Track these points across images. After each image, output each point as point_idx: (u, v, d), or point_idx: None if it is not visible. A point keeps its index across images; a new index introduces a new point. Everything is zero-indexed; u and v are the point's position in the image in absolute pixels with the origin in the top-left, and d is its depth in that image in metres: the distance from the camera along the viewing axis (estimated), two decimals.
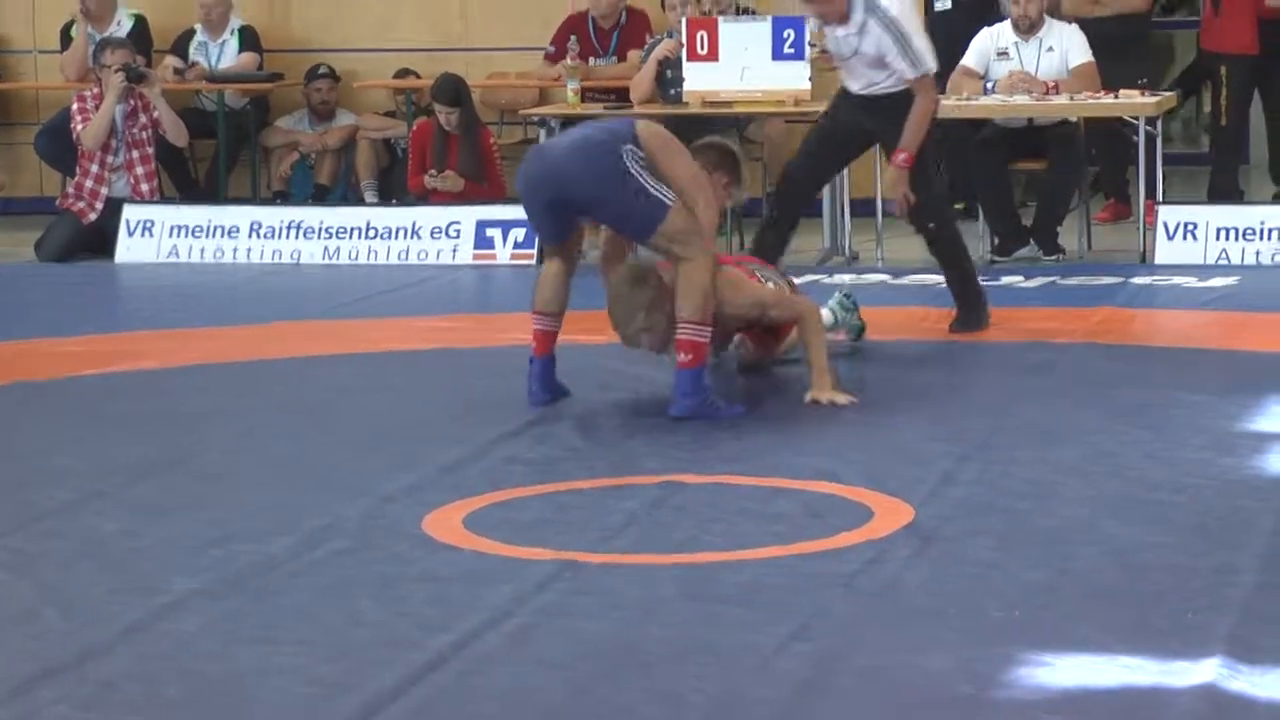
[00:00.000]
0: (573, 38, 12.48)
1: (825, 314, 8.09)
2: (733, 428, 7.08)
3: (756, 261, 8.17)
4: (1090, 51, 11.09)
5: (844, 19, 8.49)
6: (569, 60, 12.21)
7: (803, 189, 9.13)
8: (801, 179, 9.08)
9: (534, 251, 11.22)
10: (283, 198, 12.88)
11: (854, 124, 8.85)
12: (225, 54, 13.19)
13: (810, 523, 5.90)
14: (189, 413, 7.65)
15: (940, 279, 9.13)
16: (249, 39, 13.24)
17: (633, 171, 7.23)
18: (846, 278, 10.18)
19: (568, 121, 11.75)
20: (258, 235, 11.59)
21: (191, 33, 13.27)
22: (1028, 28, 11.07)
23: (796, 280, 8.49)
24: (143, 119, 11.99)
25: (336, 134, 13.09)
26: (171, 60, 13.09)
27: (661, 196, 7.24)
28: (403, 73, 13.05)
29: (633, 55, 12.46)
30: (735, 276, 7.61)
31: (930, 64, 8.55)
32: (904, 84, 8.52)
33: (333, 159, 13.10)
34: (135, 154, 11.98)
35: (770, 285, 7.82)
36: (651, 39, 12.15)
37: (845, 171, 10.93)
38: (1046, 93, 10.84)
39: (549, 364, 7.58)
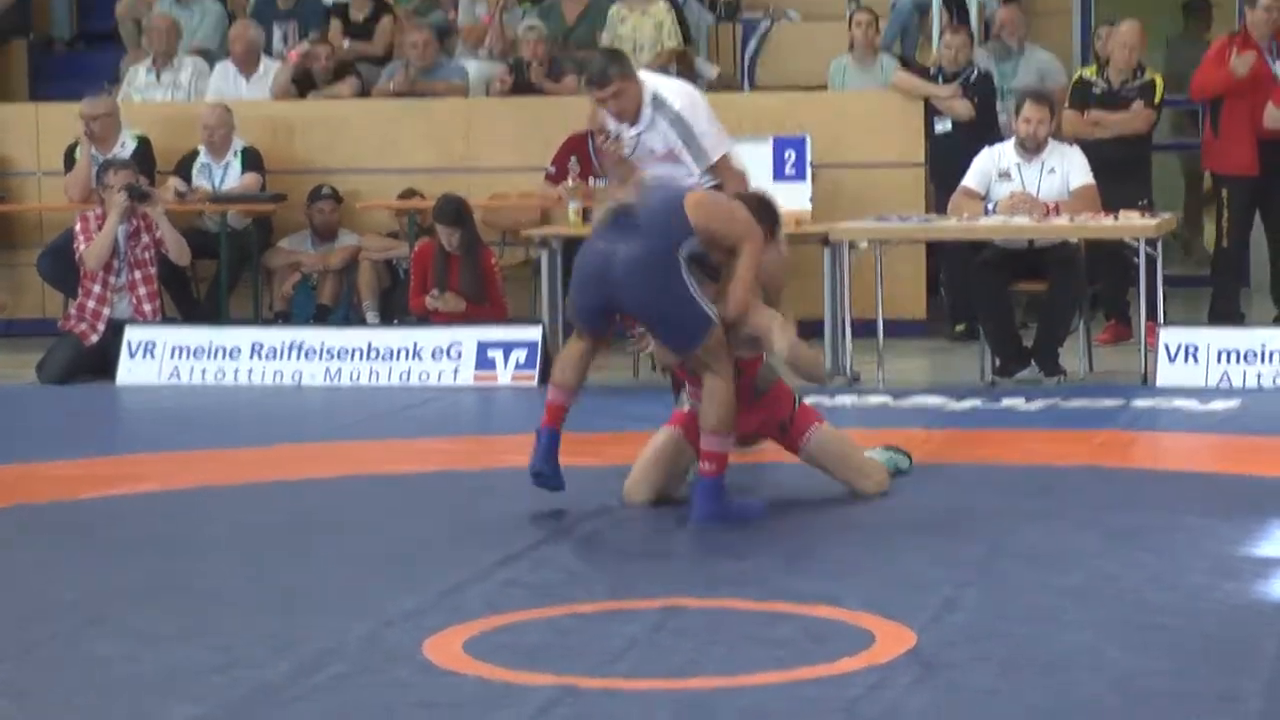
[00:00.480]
0: (573, 158, 12.61)
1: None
2: (733, 549, 7.09)
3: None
4: (1091, 173, 11.19)
5: (637, 118, 8.58)
6: (570, 181, 12.33)
7: None
8: None
9: (534, 373, 11.30)
10: (284, 318, 12.95)
11: None
12: (229, 175, 13.30)
13: (812, 647, 5.89)
14: (190, 536, 7.66)
15: (942, 400, 9.17)
16: (252, 160, 13.35)
17: (687, 282, 7.37)
18: (848, 399, 10.22)
19: (569, 242, 11.86)
20: (259, 356, 11.64)
21: (195, 154, 13.39)
22: (1034, 148, 11.16)
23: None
24: (145, 239, 12.07)
25: (339, 254, 13.17)
26: (174, 182, 13.20)
27: (707, 310, 7.38)
28: (408, 193, 13.14)
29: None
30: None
31: (722, 147, 8.60)
32: (705, 175, 8.55)
33: (334, 279, 13.18)
34: (138, 274, 12.05)
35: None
36: None
37: (848, 292, 11.02)
38: (1047, 214, 10.92)
39: (555, 438, 7.71)
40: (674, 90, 8.70)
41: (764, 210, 7.87)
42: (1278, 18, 12.32)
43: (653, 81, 8.64)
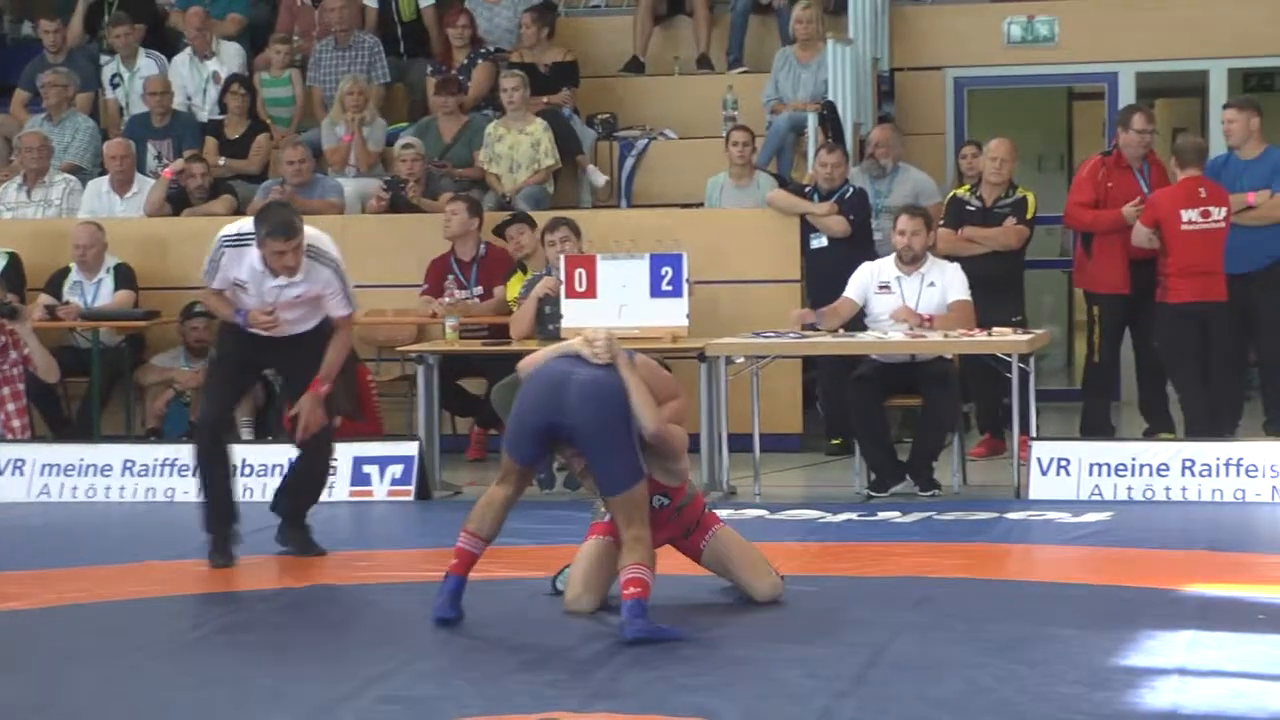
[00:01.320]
0: (451, 277, 12.67)
1: None
2: (609, 663, 7.08)
3: None
4: (968, 289, 11.35)
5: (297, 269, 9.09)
6: (447, 297, 12.37)
7: (226, 426, 9.66)
8: (222, 418, 9.56)
9: (410, 488, 11.27)
10: (157, 435, 12.86)
11: (256, 362, 9.56)
12: (101, 292, 13.24)
13: None
14: (54, 655, 7.56)
15: (818, 514, 9.23)
16: (124, 277, 13.30)
17: (632, 430, 7.61)
18: (724, 513, 10.24)
19: (446, 358, 11.88)
20: (131, 473, 11.55)
21: (66, 271, 13.32)
22: (910, 260, 11.32)
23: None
24: (13, 355, 11.98)
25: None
26: (44, 298, 13.12)
27: (642, 464, 7.62)
28: None
29: (499, 291, 12.64)
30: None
31: (356, 304, 9.36)
32: (333, 320, 9.28)
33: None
34: (5, 390, 11.96)
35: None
36: (529, 276, 12.31)
37: (724, 407, 11.09)
38: (923, 324, 11.07)
39: (462, 583, 7.79)
40: (325, 240, 9.27)
41: None
42: (1150, 140, 12.57)
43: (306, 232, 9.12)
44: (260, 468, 11.50)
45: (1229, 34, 14.96)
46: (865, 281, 11.48)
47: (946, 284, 11.35)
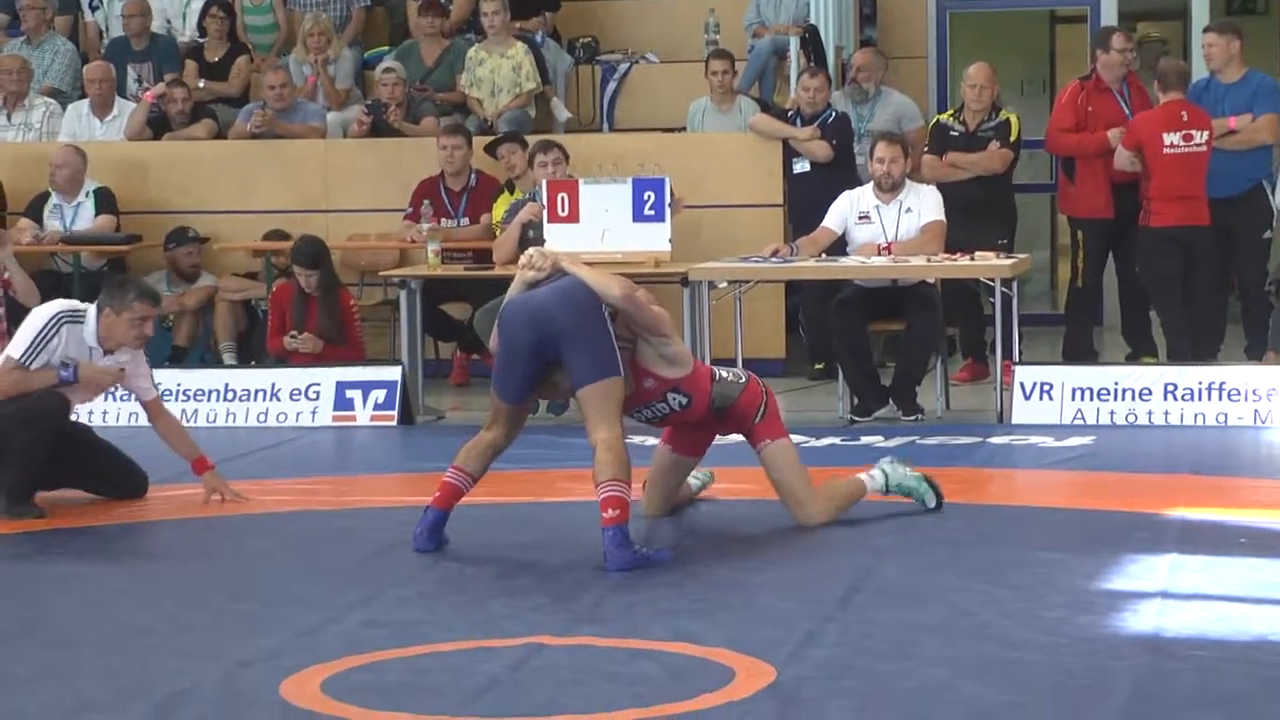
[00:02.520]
0: (426, 202, 12.61)
1: (875, 478, 8.35)
2: (593, 588, 7.08)
3: None
4: (942, 211, 11.31)
5: None
6: (424, 223, 12.31)
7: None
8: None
9: (394, 413, 11.25)
10: None
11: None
12: (81, 216, 13.16)
13: (671, 684, 5.89)
14: (38, 579, 7.55)
15: (801, 438, 9.19)
16: (105, 201, 13.22)
17: (608, 324, 7.62)
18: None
19: (429, 283, 11.84)
20: (113, 398, 11.43)
21: (46, 195, 13.24)
22: (890, 187, 11.27)
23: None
24: None
25: (195, 295, 13.07)
26: (27, 223, 13.04)
27: (620, 362, 7.59)
28: (274, 234, 13.02)
29: (485, 218, 12.59)
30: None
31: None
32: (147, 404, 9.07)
33: (190, 320, 13.07)
34: None
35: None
36: (511, 202, 12.26)
37: (707, 332, 11.06)
38: (879, 253, 11.06)
39: (443, 517, 7.81)
40: None
41: None
42: (1131, 59, 12.51)
43: None
44: (243, 393, 11.46)
45: None
46: (844, 210, 11.44)
47: (922, 207, 11.32)
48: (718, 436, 8.30)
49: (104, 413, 11.05)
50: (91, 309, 8.83)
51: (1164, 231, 11.80)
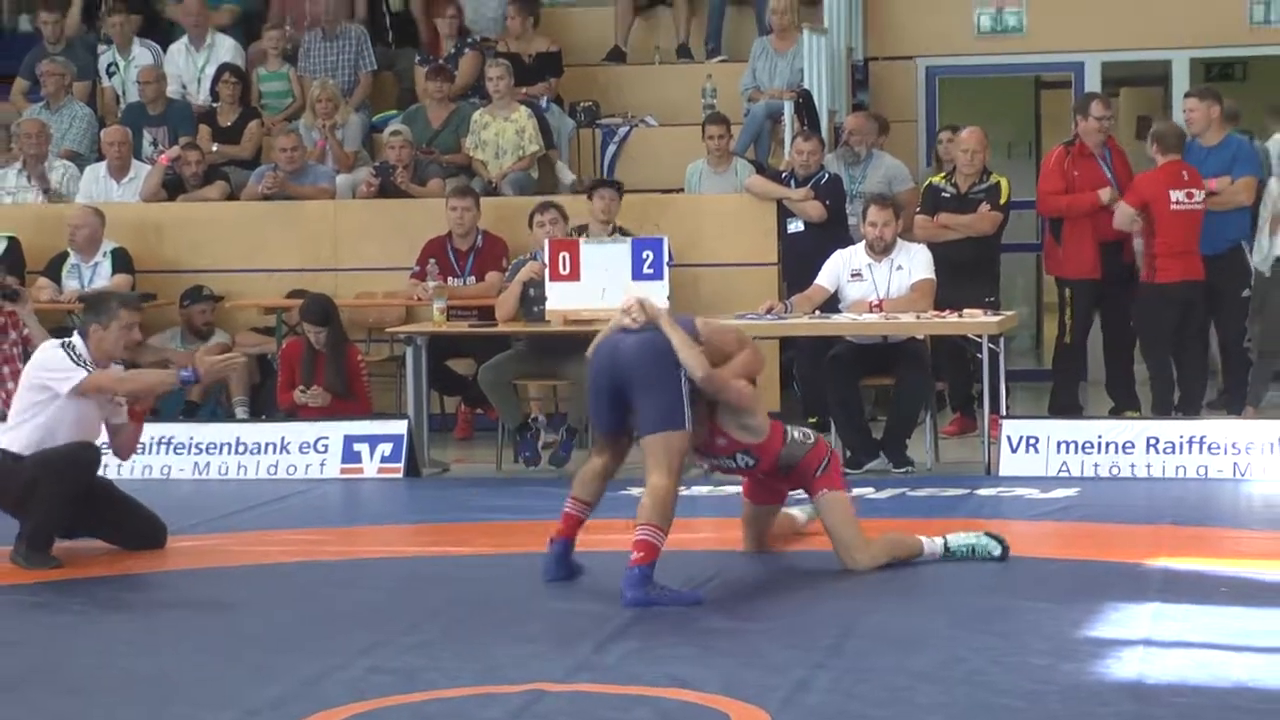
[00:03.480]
0: (432, 260, 12.63)
1: (938, 543, 8.43)
2: (593, 636, 7.05)
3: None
4: (933, 270, 11.34)
5: None
6: (430, 281, 12.32)
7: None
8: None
9: (400, 465, 11.23)
10: (154, 414, 12.77)
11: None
12: (98, 275, 13.17)
13: None
14: (53, 626, 7.53)
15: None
16: (121, 260, 13.23)
17: (682, 383, 7.79)
18: (703, 489, 10.20)
19: (434, 339, 11.84)
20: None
21: (65, 255, 13.25)
22: (882, 249, 11.31)
23: None
24: (13, 335, 11.90)
25: (213, 349, 13.03)
26: (45, 282, 13.06)
27: (687, 416, 7.76)
28: (296, 294, 12.97)
29: (491, 276, 12.60)
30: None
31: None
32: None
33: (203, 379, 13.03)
34: (5, 369, 11.88)
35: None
36: (514, 260, 12.27)
37: None
38: (871, 310, 11.07)
39: (568, 546, 8.04)
40: None
41: None
42: (1108, 125, 12.55)
43: None
44: (254, 446, 11.46)
45: (1190, 25, 14.94)
46: (837, 269, 11.47)
47: (913, 265, 11.35)
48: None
49: (119, 465, 11.03)
50: (76, 337, 8.83)
51: (1167, 288, 11.86)
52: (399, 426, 11.42)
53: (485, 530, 9.41)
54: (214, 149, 14.49)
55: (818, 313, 11.38)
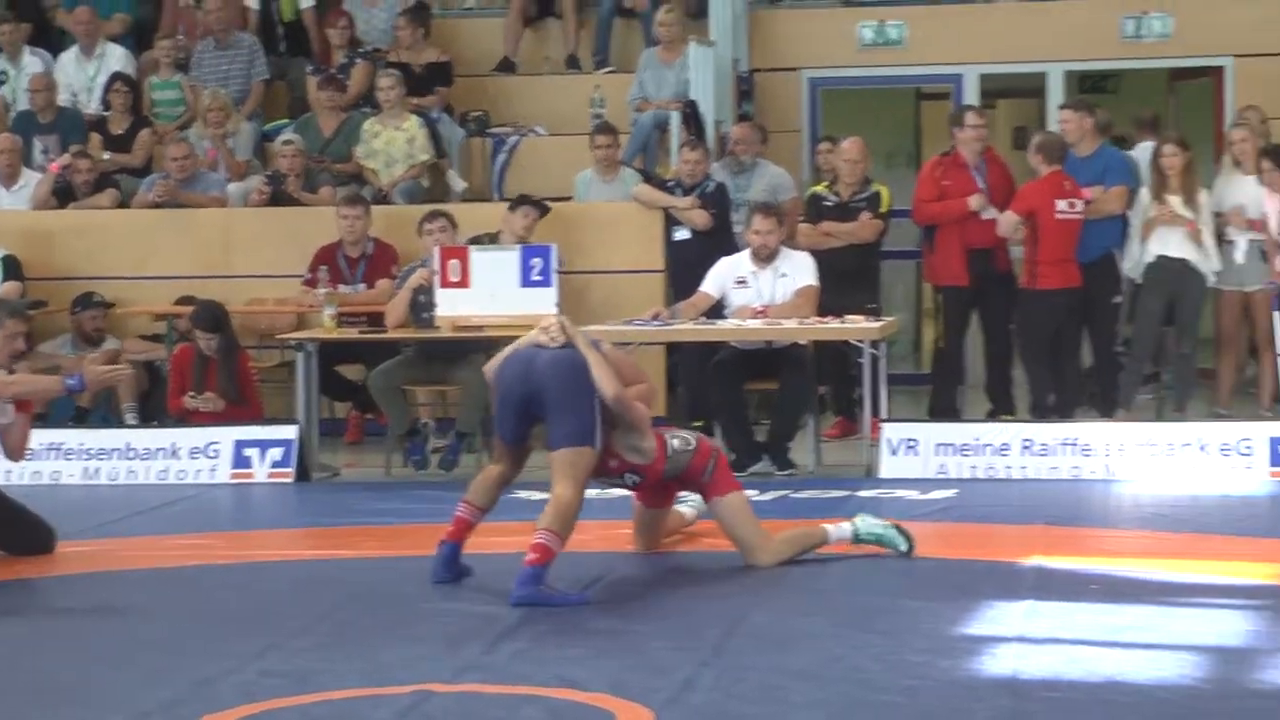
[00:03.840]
0: (323, 267, 12.59)
1: (846, 528, 8.53)
2: (483, 637, 7.06)
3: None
4: (816, 276, 11.43)
5: None
6: (322, 289, 12.29)
7: None
8: None
9: (291, 470, 11.19)
10: (42, 420, 12.66)
11: None
12: None
13: None
14: None
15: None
16: (11, 268, 13.13)
17: (595, 403, 7.87)
18: (591, 492, 10.21)
19: (325, 345, 11.80)
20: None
21: None
22: (766, 257, 11.40)
23: None
24: None
25: (99, 358, 12.93)
26: None
27: (596, 434, 7.84)
28: (184, 300, 12.92)
29: (381, 283, 12.57)
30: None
31: None
32: None
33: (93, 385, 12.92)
34: None
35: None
36: (404, 267, 12.25)
37: None
38: (754, 315, 11.15)
39: (457, 549, 8.03)
40: None
41: None
42: (982, 135, 12.67)
43: None
44: (144, 451, 11.39)
45: (1064, 39, 15.13)
46: (723, 275, 11.54)
47: (797, 273, 11.44)
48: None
49: (8, 471, 10.92)
50: None
51: (1049, 294, 11.99)
52: (289, 431, 11.38)
53: (375, 534, 9.40)
54: (105, 157, 14.38)
55: (703, 319, 11.44)
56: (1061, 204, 11.98)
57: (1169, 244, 12.12)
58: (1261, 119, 13.19)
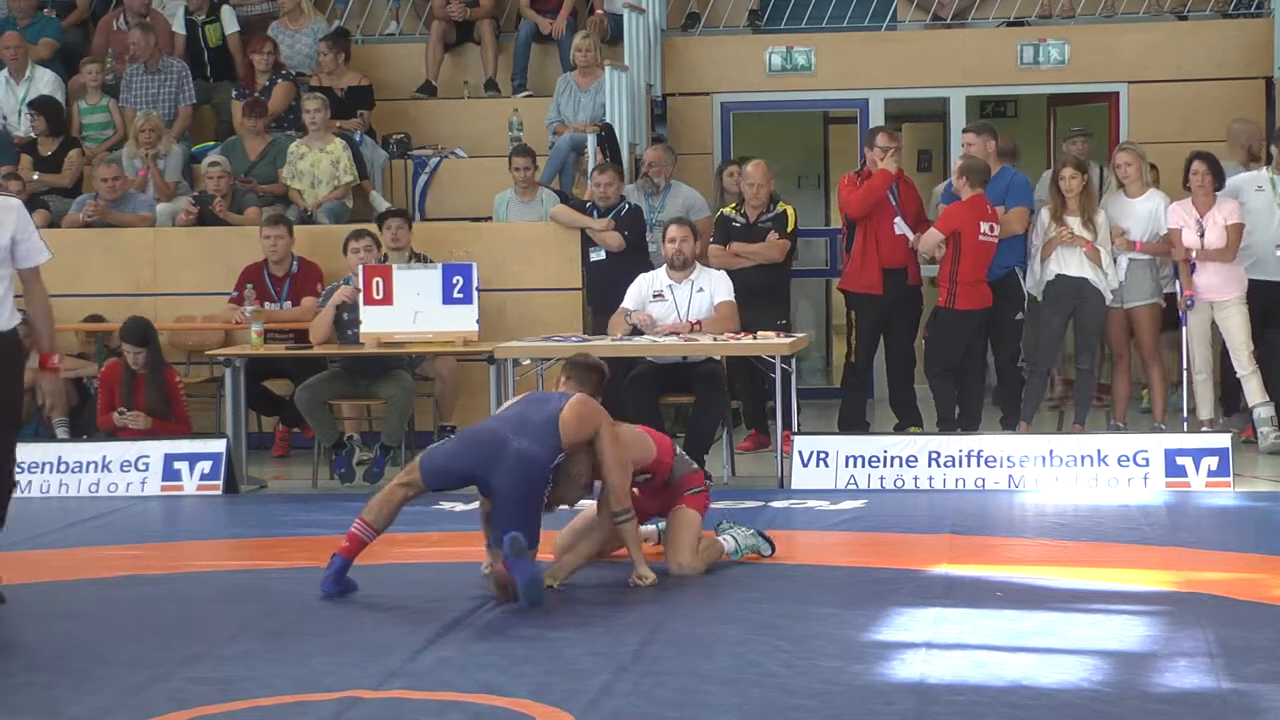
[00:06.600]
0: (249, 285, 12.51)
1: (728, 542, 8.66)
2: (407, 645, 7.01)
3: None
4: (732, 293, 11.46)
5: None
6: (248, 306, 12.22)
7: None
8: None
9: (219, 482, 11.11)
10: None
11: None
12: None
13: None
14: None
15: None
16: None
17: (542, 501, 7.85)
18: None
19: (252, 361, 11.72)
20: None
21: None
22: (681, 265, 11.42)
23: None
24: None
25: (29, 375, 12.79)
26: None
27: (538, 531, 7.78)
28: (92, 318, 12.86)
29: (306, 300, 12.51)
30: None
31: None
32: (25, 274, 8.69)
33: (25, 397, 12.79)
34: None
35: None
36: (329, 285, 12.19)
37: None
38: (692, 330, 11.15)
39: (347, 564, 7.91)
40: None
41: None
42: (895, 154, 12.70)
43: None
44: (75, 465, 11.28)
45: (965, 65, 15.22)
46: (642, 290, 11.55)
47: (713, 289, 11.47)
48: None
49: None
50: None
51: (965, 314, 12.04)
52: (218, 445, 11.30)
53: (302, 545, 9.33)
54: (35, 177, 14.24)
55: (619, 335, 11.44)
56: (984, 226, 12.04)
57: (1068, 263, 12.20)
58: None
